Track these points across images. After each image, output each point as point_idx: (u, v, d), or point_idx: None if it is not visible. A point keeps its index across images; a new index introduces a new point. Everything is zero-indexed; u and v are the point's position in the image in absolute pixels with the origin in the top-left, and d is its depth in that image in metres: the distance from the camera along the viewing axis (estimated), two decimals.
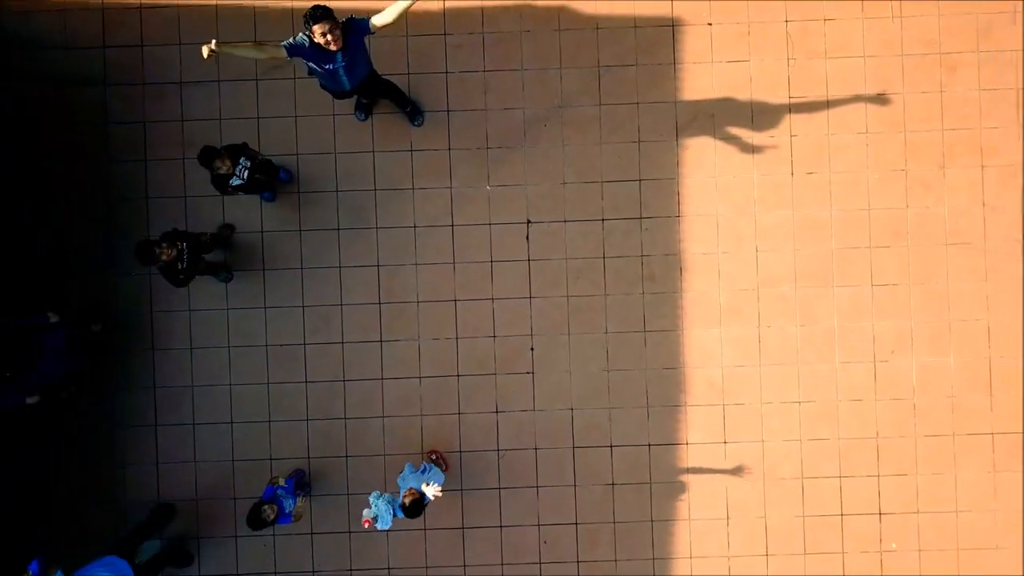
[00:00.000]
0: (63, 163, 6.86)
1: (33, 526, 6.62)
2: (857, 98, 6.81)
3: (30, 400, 5.99)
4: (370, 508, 5.62)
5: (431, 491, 5.52)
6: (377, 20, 5.31)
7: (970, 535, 6.78)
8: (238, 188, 5.95)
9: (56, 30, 6.89)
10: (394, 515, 5.63)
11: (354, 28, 5.38)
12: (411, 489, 5.59)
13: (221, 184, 5.87)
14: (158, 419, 6.80)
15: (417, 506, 5.53)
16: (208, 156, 5.72)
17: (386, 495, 5.65)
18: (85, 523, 6.74)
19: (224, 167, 5.77)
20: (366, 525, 5.61)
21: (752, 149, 6.79)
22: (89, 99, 6.89)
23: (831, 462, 6.78)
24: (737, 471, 6.76)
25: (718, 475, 6.76)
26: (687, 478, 6.76)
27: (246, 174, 5.90)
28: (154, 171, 6.84)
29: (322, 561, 6.79)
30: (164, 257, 5.61)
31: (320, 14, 5.15)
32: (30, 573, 5.31)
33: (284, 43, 5.22)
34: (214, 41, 4.96)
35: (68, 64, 6.89)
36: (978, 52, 6.83)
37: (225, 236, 6.61)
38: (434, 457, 6.46)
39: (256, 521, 5.84)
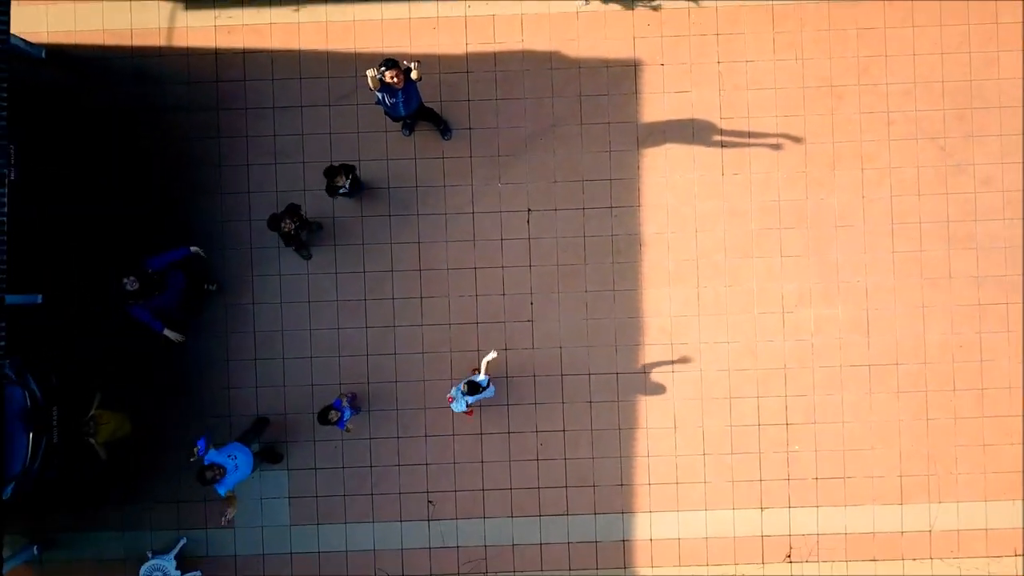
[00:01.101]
0: (186, 168, 9.34)
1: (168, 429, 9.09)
2: (770, 119, 9.27)
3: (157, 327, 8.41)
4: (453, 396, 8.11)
5: (484, 363, 8.12)
6: (412, 75, 7.79)
7: (853, 440, 9.21)
8: (343, 195, 8.41)
9: (181, 69, 9.37)
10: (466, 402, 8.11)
11: (408, 74, 7.85)
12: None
13: (333, 191, 8.33)
14: (257, 354, 9.27)
15: (475, 387, 7.98)
16: (333, 173, 8.18)
17: (459, 386, 8.09)
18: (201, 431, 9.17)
19: (341, 182, 8.23)
20: (450, 401, 8.10)
21: (692, 156, 9.25)
22: (204, 121, 9.36)
23: (751, 385, 9.23)
24: (682, 392, 9.20)
25: (667, 395, 9.21)
26: (645, 397, 9.21)
27: (348, 184, 8.34)
28: (255, 173, 9.31)
29: (377, 459, 9.25)
30: (286, 229, 8.09)
31: (391, 64, 7.64)
32: (198, 447, 7.78)
33: (378, 76, 7.67)
34: (373, 68, 7.54)
35: (189, 94, 9.37)
36: (859, 85, 9.29)
37: (315, 229, 9.04)
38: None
39: (323, 418, 8.30)
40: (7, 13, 6.99)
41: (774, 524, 9.24)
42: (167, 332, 8.49)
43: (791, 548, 9.24)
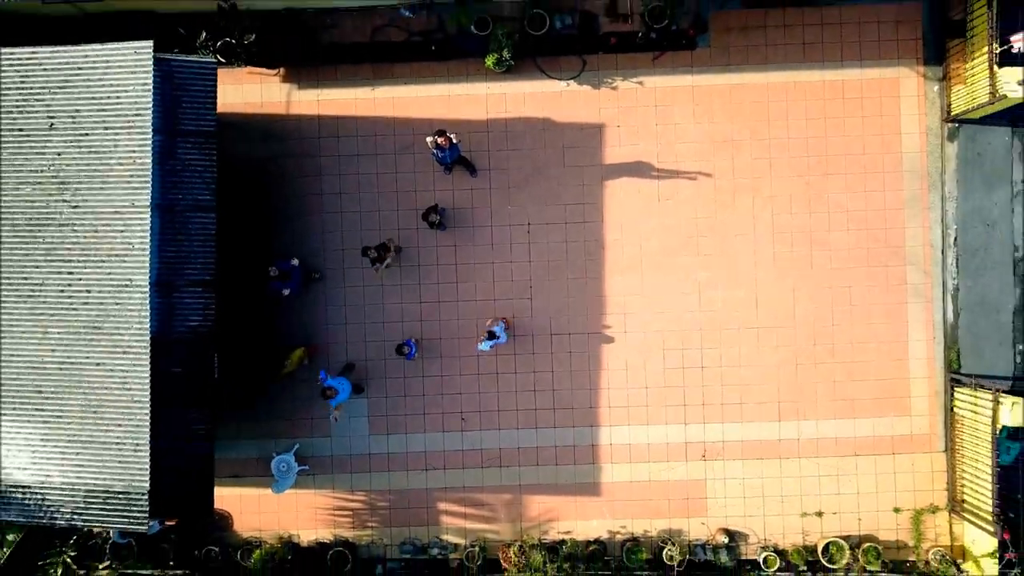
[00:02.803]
0: (297, 197, 13.87)
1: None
2: (691, 163, 13.79)
3: (285, 292, 12.97)
4: (481, 342, 12.57)
5: (499, 328, 12.55)
6: (454, 139, 12.35)
7: (746, 378, 13.72)
8: (435, 226, 12.95)
9: (294, 129, 13.91)
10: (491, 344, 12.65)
11: (452, 139, 12.41)
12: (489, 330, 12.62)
13: (431, 224, 12.87)
14: (346, 320, 13.81)
15: (492, 335, 12.50)
16: (428, 212, 12.72)
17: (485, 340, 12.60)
18: (300, 383, 13.70)
19: (433, 217, 12.76)
20: (478, 344, 12.63)
21: (638, 188, 13.78)
22: (310, 164, 13.90)
23: (678, 341, 13.75)
24: (631, 345, 13.72)
25: (621, 347, 13.73)
26: (606, 348, 13.73)
27: (439, 219, 12.88)
28: (344, 200, 13.84)
29: (427, 390, 13.78)
30: (371, 256, 12.63)
31: (441, 133, 12.21)
32: (321, 376, 12.32)
33: (434, 140, 12.22)
34: (431, 136, 12.09)
35: (300, 146, 13.91)
36: (750, 140, 13.79)
37: (398, 251, 13.56)
38: (503, 319, 13.35)
39: (399, 351, 12.81)
40: (215, 107, 11.52)
41: (694, 434, 13.77)
42: (284, 291, 13.05)
43: (705, 450, 13.78)
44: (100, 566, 13.71)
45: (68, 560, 13.13)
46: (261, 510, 13.98)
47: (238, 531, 14.03)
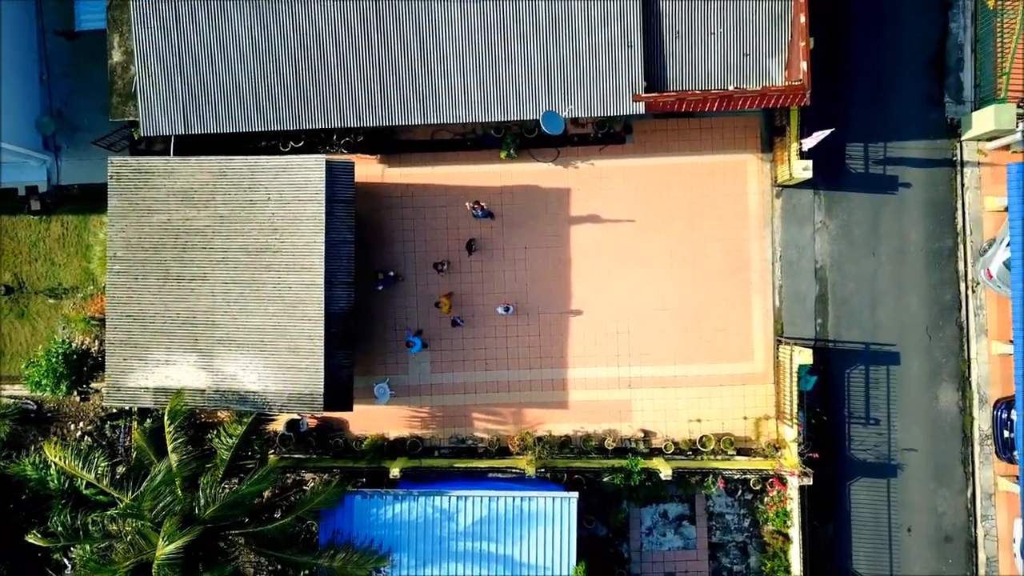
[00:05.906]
0: (398, 232, 23.34)
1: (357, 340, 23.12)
2: (625, 211, 23.18)
3: (380, 288, 22.47)
4: (500, 306, 22.14)
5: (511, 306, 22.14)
6: (485, 206, 21.84)
7: (656, 338, 23.14)
8: (471, 250, 22.43)
9: (384, 192, 23.37)
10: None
11: (485, 206, 21.90)
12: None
13: (469, 251, 22.36)
14: (418, 305, 23.26)
15: (508, 309, 22.01)
16: (469, 242, 22.18)
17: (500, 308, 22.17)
18: (390, 341, 23.15)
19: (474, 245, 22.20)
20: (498, 308, 22.18)
21: (591, 228, 23.20)
22: (396, 213, 23.35)
23: (614, 317, 23.16)
24: (589, 321, 23.15)
25: (580, 321, 23.15)
26: (571, 322, 23.16)
27: (474, 247, 22.33)
28: (417, 232, 23.30)
29: (464, 346, 23.23)
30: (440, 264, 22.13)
31: (477, 201, 21.72)
32: (408, 334, 21.80)
33: (473, 204, 21.75)
34: (470, 202, 21.68)
35: (401, 202, 23.36)
36: (659, 199, 23.20)
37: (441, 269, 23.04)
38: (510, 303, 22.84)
39: (453, 324, 22.32)
40: (353, 185, 20.93)
41: (623, 372, 23.16)
42: (380, 287, 22.56)
43: (631, 382, 23.20)
44: (270, 451, 23.22)
45: (256, 447, 22.56)
46: (366, 419, 23.40)
47: (352, 431, 23.49)
